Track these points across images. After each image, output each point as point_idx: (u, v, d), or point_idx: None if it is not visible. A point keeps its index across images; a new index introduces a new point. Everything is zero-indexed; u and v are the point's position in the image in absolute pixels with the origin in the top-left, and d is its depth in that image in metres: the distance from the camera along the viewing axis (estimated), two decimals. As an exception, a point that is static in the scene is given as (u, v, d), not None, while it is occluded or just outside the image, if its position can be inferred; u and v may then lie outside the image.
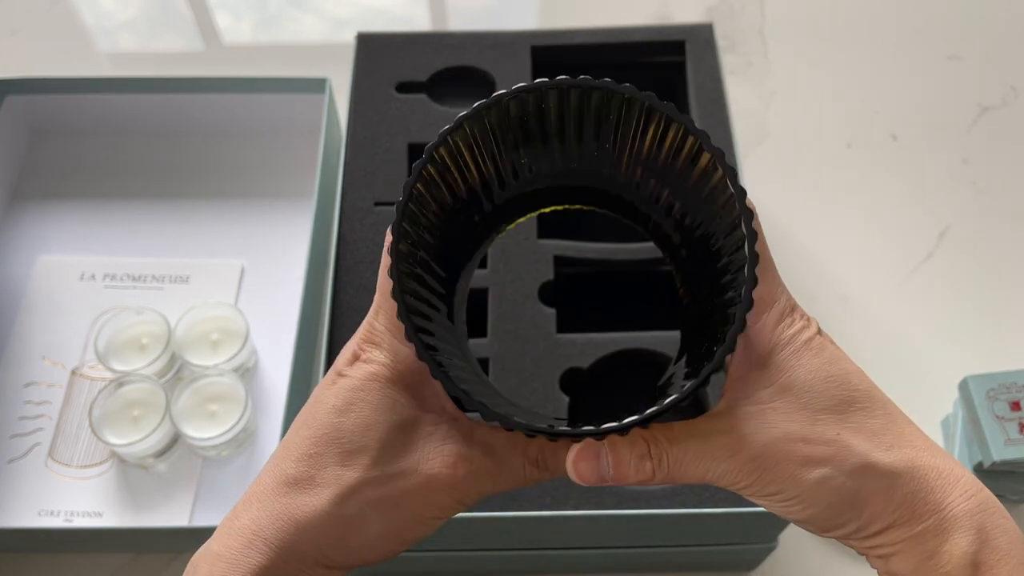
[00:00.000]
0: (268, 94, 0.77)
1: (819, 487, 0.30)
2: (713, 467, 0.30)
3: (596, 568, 0.62)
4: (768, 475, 0.30)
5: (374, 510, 0.31)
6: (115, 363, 0.66)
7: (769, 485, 0.30)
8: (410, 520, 0.31)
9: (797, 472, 0.30)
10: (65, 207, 0.79)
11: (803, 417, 0.30)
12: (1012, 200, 0.80)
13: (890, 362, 0.70)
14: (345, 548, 0.31)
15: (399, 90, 0.69)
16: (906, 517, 0.30)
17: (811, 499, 0.30)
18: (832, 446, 0.30)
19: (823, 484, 0.30)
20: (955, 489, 0.30)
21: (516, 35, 0.71)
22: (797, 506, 0.31)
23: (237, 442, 0.65)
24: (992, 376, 0.60)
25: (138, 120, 0.81)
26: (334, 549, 0.31)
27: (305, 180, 0.79)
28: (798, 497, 0.30)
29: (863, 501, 0.30)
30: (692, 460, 0.30)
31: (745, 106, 0.86)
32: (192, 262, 0.75)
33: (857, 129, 0.85)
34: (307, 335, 0.67)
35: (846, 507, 0.30)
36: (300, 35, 0.95)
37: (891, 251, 0.77)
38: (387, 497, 0.31)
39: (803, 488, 0.30)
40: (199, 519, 0.63)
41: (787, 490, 0.30)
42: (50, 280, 0.74)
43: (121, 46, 0.95)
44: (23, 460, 0.65)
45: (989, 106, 0.86)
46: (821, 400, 0.31)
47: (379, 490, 0.31)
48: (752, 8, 0.94)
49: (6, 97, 0.78)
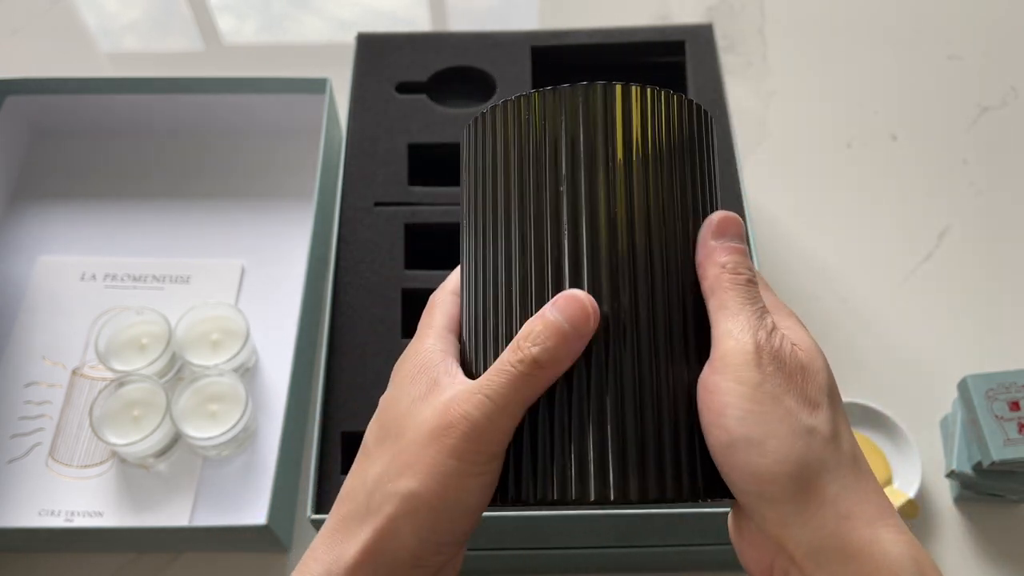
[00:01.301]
0: (268, 94, 0.77)
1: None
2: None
3: (595, 568, 0.62)
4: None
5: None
6: (115, 363, 0.66)
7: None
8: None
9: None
10: (65, 207, 0.79)
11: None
12: (1012, 200, 0.80)
13: (890, 362, 0.70)
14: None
15: (399, 90, 0.69)
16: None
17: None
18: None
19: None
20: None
21: (516, 35, 0.71)
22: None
23: (237, 442, 0.65)
24: (991, 376, 0.60)
25: (138, 120, 0.81)
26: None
27: (305, 180, 0.79)
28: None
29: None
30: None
31: (745, 106, 0.86)
32: (192, 262, 0.75)
33: (857, 129, 0.85)
34: (307, 335, 0.67)
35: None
36: (301, 36, 0.95)
37: (891, 251, 0.77)
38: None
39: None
40: (199, 519, 0.63)
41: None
42: (50, 280, 0.74)
43: (123, 47, 0.95)
44: (24, 460, 0.65)
45: (989, 106, 0.86)
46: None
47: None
48: (752, 8, 0.94)
49: (6, 97, 0.78)
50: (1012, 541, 0.63)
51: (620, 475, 0.30)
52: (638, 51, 0.71)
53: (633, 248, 0.31)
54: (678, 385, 0.31)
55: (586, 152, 0.31)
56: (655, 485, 0.30)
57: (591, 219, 0.31)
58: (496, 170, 0.33)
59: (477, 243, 0.33)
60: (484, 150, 0.34)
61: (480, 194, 0.33)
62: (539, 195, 0.32)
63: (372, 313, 0.59)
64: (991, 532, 0.63)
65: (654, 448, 0.30)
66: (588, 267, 0.31)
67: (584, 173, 0.31)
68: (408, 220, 0.62)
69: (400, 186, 0.64)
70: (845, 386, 0.68)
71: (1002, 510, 0.64)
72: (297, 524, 0.64)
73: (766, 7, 0.94)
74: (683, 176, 0.32)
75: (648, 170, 0.32)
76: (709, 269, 0.32)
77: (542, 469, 0.30)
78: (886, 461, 0.65)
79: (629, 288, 0.31)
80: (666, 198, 0.32)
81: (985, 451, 0.58)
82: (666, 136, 0.32)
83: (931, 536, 0.63)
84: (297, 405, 0.64)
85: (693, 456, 0.31)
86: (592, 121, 0.32)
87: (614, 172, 0.31)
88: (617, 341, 0.30)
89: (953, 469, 0.62)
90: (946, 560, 0.63)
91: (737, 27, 0.92)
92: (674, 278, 0.32)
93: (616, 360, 0.30)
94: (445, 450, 0.30)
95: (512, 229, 0.32)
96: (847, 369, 0.70)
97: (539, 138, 0.32)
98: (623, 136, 0.32)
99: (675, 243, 0.32)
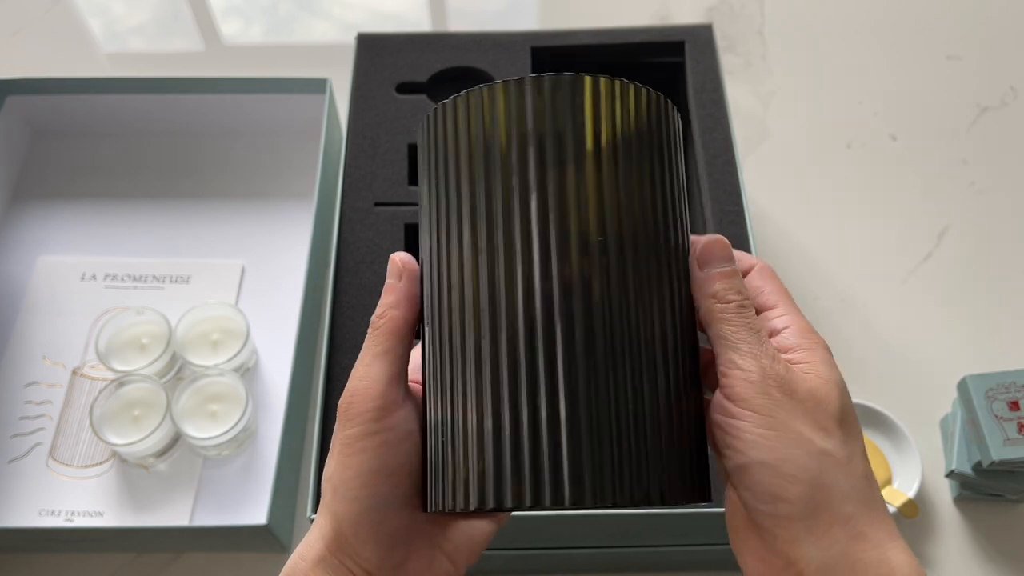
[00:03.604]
0: (269, 94, 0.77)
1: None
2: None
3: (596, 568, 0.62)
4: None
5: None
6: (116, 363, 0.66)
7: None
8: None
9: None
10: (66, 207, 0.79)
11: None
12: (1011, 200, 0.80)
13: (889, 362, 0.70)
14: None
15: (399, 90, 0.69)
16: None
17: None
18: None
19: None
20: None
21: (516, 36, 0.71)
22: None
23: (237, 442, 0.65)
24: (991, 376, 0.60)
25: (138, 120, 0.81)
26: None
27: (305, 180, 0.79)
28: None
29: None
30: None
31: (745, 106, 0.86)
32: (192, 262, 0.75)
33: (857, 129, 0.85)
34: (307, 335, 0.67)
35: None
36: (301, 37, 0.95)
37: (891, 251, 0.77)
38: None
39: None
40: (199, 519, 0.63)
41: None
42: (51, 280, 0.74)
43: (124, 48, 0.95)
44: (24, 460, 0.65)
45: (988, 106, 0.86)
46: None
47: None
48: (752, 8, 0.94)
49: (7, 97, 0.78)
50: (1012, 541, 0.63)
51: (597, 478, 0.29)
52: (638, 51, 0.71)
53: (604, 241, 0.30)
54: (662, 388, 0.30)
55: (554, 145, 0.31)
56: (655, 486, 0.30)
57: (560, 216, 0.30)
58: (459, 163, 0.32)
59: (439, 242, 0.32)
60: (446, 142, 0.32)
61: (443, 190, 0.32)
62: (506, 190, 0.31)
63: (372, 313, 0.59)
64: (991, 532, 0.63)
65: (637, 452, 0.30)
66: (556, 257, 0.30)
67: (552, 168, 0.31)
68: (408, 220, 0.62)
69: (400, 186, 0.64)
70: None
71: (1002, 510, 0.64)
72: (297, 524, 0.64)
73: (766, 7, 0.94)
74: (651, 167, 0.32)
75: (617, 160, 0.31)
76: (702, 302, 0.32)
77: (516, 473, 0.29)
78: (886, 461, 0.65)
79: (600, 279, 0.30)
80: (636, 187, 0.31)
81: (985, 451, 0.58)
82: (635, 127, 0.32)
83: (931, 536, 0.63)
84: (297, 405, 0.64)
85: (687, 462, 0.31)
86: (561, 112, 0.31)
87: (583, 165, 0.31)
88: (588, 333, 0.30)
89: (953, 469, 0.62)
90: (946, 560, 0.63)
91: (737, 27, 0.92)
92: (644, 271, 0.31)
93: (591, 354, 0.30)
94: (340, 425, 0.32)
95: (479, 224, 0.31)
96: (847, 369, 0.69)
97: (505, 131, 0.31)
98: (592, 127, 0.31)
99: (645, 236, 0.31)
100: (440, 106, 0.33)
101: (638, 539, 0.57)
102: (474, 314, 0.31)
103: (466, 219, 0.31)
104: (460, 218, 0.31)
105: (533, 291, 0.30)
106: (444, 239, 0.32)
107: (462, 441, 0.30)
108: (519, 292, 0.30)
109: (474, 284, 0.31)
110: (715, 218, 0.61)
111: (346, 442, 0.31)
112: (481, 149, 0.31)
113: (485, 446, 0.29)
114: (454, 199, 0.32)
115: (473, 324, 0.31)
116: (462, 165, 0.32)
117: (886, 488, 0.63)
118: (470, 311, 0.31)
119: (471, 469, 0.30)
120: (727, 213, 0.61)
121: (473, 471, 0.30)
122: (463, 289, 0.31)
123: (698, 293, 0.33)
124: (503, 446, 0.29)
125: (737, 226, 0.60)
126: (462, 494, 0.30)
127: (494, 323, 0.30)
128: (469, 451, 0.30)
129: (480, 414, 0.30)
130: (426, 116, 0.34)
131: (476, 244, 0.31)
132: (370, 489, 0.31)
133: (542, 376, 0.29)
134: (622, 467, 0.29)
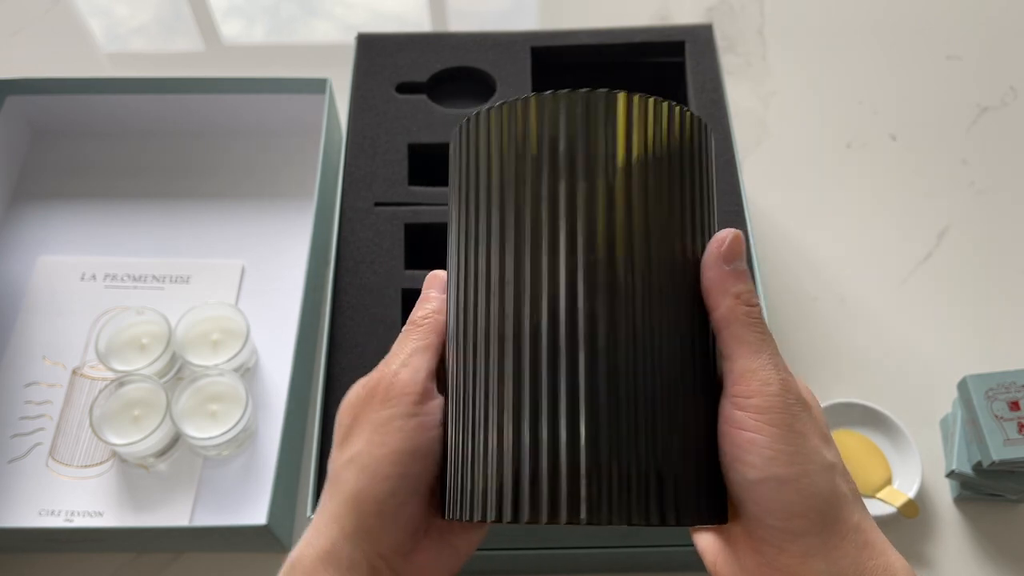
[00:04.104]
0: (269, 94, 0.77)
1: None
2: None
3: (596, 568, 0.62)
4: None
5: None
6: (116, 363, 0.66)
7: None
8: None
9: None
10: (66, 207, 0.79)
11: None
12: (1011, 200, 0.80)
13: (889, 362, 0.70)
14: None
15: (399, 90, 0.69)
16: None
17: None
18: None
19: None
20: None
21: (516, 36, 0.71)
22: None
23: (237, 442, 0.65)
24: (991, 376, 0.60)
25: (138, 120, 0.81)
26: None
27: (305, 180, 0.79)
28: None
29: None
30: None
31: (745, 106, 0.86)
32: (192, 262, 0.75)
33: (857, 129, 0.85)
34: (307, 335, 0.67)
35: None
36: (302, 37, 0.95)
37: (891, 251, 0.77)
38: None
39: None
40: (199, 519, 0.63)
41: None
42: (51, 280, 0.74)
43: (125, 48, 0.95)
44: (24, 460, 0.65)
45: (988, 106, 0.86)
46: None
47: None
48: (752, 8, 0.94)
49: (7, 97, 0.78)
50: (1012, 541, 0.63)
51: (596, 495, 0.29)
52: (638, 51, 0.71)
53: (631, 259, 0.30)
54: (683, 410, 0.30)
55: (585, 160, 0.31)
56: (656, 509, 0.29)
57: (588, 237, 0.30)
58: (491, 175, 0.32)
59: (467, 250, 0.32)
60: (478, 153, 0.33)
61: (473, 199, 0.33)
62: (536, 202, 0.31)
63: (372, 313, 0.59)
64: (991, 532, 0.63)
65: (655, 471, 0.29)
66: (584, 275, 0.30)
67: (583, 181, 0.30)
68: (408, 220, 0.62)
69: (400, 186, 0.64)
70: (845, 386, 0.68)
71: (1002, 510, 0.64)
72: (297, 524, 0.64)
73: (766, 7, 0.94)
74: (682, 188, 0.32)
75: (647, 180, 0.31)
76: (722, 298, 0.30)
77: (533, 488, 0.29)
78: (886, 461, 0.65)
79: (626, 303, 0.30)
80: (666, 209, 0.31)
81: (985, 451, 0.58)
82: (667, 147, 0.32)
83: (931, 536, 0.63)
84: (297, 405, 0.64)
85: (702, 482, 0.30)
86: (593, 129, 0.31)
87: (614, 180, 0.30)
88: (610, 348, 0.29)
89: (953, 469, 0.62)
90: (946, 560, 0.63)
91: (737, 27, 0.92)
92: (669, 291, 0.30)
93: (612, 366, 0.30)
94: (373, 407, 0.33)
95: (507, 235, 0.31)
96: (847, 369, 0.70)
97: (537, 143, 0.31)
98: (624, 145, 0.31)
99: (672, 261, 0.31)
100: (473, 116, 0.33)
101: (639, 539, 0.57)
102: (498, 332, 0.31)
103: (495, 237, 0.31)
104: (489, 234, 0.32)
105: (558, 314, 0.30)
106: (472, 253, 0.32)
107: (482, 454, 0.30)
108: (544, 314, 0.30)
109: (499, 301, 0.31)
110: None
111: (380, 422, 0.32)
112: (512, 163, 0.31)
113: (504, 461, 0.30)
114: (484, 214, 0.32)
115: (497, 341, 0.31)
116: (493, 178, 0.32)
117: (886, 488, 0.63)
118: (495, 328, 0.31)
119: (489, 482, 0.30)
120: (727, 213, 0.61)
121: (492, 485, 0.30)
122: (489, 304, 0.31)
123: (719, 288, 0.30)
124: (522, 462, 0.29)
125: (737, 226, 0.60)
126: (480, 506, 0.30)
127: (518, 342, 0.30)
128: (489, 465, 0.30)
129: (500, 430, 0.30)
130: (459, 126, 0.34)
131: (503, 262, 0.31)
132: (402, 468, 0.31)
133: (563, 396, 0.29)
134: (640, 488, 0.29)
